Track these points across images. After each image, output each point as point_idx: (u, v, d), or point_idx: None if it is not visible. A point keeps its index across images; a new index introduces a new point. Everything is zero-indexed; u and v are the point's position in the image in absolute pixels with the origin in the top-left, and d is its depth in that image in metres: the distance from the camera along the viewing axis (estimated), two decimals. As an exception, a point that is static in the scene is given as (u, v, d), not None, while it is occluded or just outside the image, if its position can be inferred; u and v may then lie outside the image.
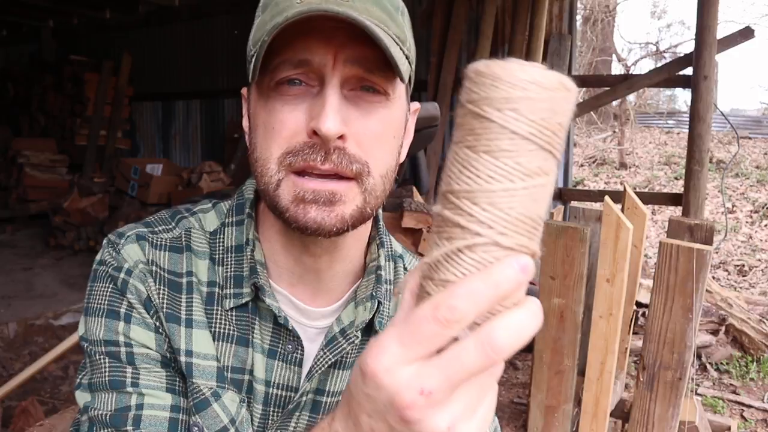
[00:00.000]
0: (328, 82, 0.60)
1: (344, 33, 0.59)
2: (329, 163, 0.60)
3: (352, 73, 0.61)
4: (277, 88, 0.62)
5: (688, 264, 1.78)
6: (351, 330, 0.71)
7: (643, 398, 1.92)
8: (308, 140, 0.61)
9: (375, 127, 0.63)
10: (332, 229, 0.62)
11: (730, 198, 8.49)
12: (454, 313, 0.34)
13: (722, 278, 5.97)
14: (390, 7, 0.64)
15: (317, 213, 0.62)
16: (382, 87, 0.63)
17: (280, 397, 0.72)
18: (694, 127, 4.25)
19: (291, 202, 0.62)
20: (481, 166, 0.35)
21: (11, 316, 4.14)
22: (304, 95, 0.62)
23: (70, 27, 7.96)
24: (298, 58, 0.60)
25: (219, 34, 7.01)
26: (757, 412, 3.34)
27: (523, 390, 3.39)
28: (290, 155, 0.61)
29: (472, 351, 0.34)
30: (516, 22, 4.90)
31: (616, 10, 13.48)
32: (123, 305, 0.68)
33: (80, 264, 5.58)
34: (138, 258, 0.69)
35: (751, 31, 4.29)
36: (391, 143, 0.66)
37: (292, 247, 0.71)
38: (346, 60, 0.60)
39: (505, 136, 0.35)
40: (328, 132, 0.58)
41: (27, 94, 7.96)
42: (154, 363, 0.67)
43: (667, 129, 13.67)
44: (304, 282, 0.73)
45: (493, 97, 0.34)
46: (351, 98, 0.62)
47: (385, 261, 0.76)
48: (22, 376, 2.67)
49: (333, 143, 0.60)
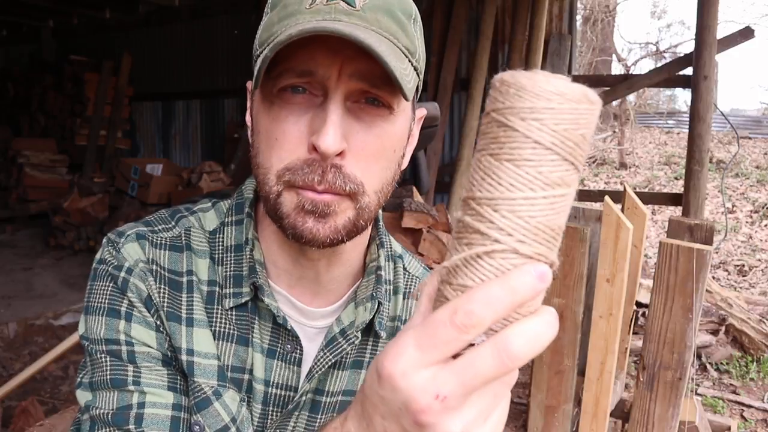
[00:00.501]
0: (331, 96, 0.60)
1: (351, 47, 0.58)
2: (324, 184, 0.61)
3: (357, 87, 0.61)
4: (281, 95, 0.62)
5: (688, 264, 1.78)
6: (351, 330, 0.71)
7: (643, 398, 1.92)
8: (308, 157, 0.61)
9: (375, 143, 0.63)
10: (325, 240, 0.63)
11: (730, 198, 8.49)
12: (472, 318, 0.34)
13: (722, 278, 5.97)
14: (402, 16, 0.63)
15: (313, 224, 0.62)
16: (386, 101, 0.62)
17: (279, 396, 0.72)
18: (694, 127, 4.25)
19: (293, 209, 0.63)
20: (503, 174, 0.36)
21: (11, 316, 4.14)
22: (308, 105, 0.62)
23: (70, 27, 7.97)
24: (302, 68, 0.60)
25: (219, 34, 7.01)
26: (757, 412, 3.34)
27: (523, 390, 3.39)
28: (289, 172, 0.62)
29: (488, 357, 0.34)
30: (516, 22, 4.90)
31: (616, 10, 13.48)
32: (124, 304, 0.68)
33: (80, 264, 5.58)
34: (138, 257, 0.69)
35: (751, 31, 4.29)
36: (390, 157, 0.66)
37: (290, 250, 0.71)
38: (352, 74, 0.60)
39: (528, 145, 0.35)
40: (327, 150, 0.58)
41: (27, 94, 7.96)
42: (156, 362, 0.67)
43: (667, 129, 13.67)
44: (302, 283, 0.73)
45: (517, 107, 0.35)
46: (354, 111, 0.62)
47: (384, 261, 0.76)
48: (22, 376, 2.67)
49: (331, 160, 0.60)
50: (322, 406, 0.73)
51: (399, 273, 0.79)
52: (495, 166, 0.36)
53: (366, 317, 0.71)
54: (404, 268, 0.81)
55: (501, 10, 5.06)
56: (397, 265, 0.80)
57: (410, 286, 0.80)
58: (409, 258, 0.83)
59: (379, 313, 0.73)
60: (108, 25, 7.72)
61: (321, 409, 0.73)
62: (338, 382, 0.74)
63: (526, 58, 4.85)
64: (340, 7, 0.60)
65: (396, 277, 0.79)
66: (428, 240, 3.16)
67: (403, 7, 0.64)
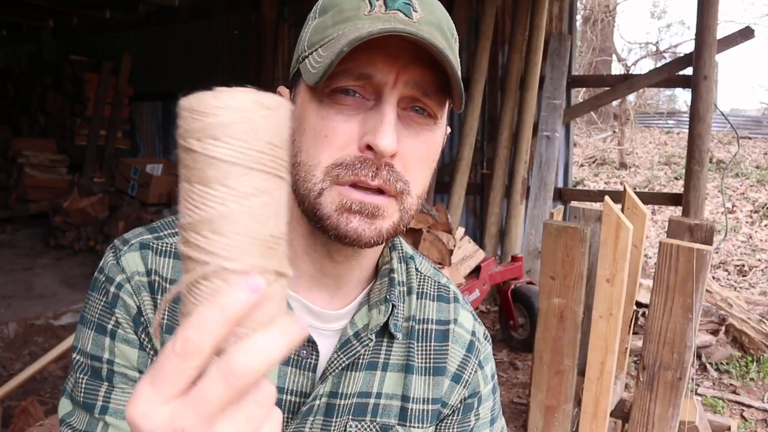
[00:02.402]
0: (386, 100, 0.61)
1: (409, 53, 0.59)
2: (379, 180, 0.61)
3: (410, 94, 0.62)
4: (332, 96, 0.62)
5: (688, 264, 1.78)
6: (365, 333, 0.71)
7: (643, 398, 1.92)
8: (360, 154, 0.61)
9: (421, 149, 0.64)
10: (369, 241, 0.63)
11: (730, 198, 8.49)
12: (189, 345, 0.34)
13: (722, 278, 5.97)
14: (449, 34, 0.65)
15: (359, 224, 0.62)
16: (433, 111, 0.64)
17: (293, 403, 0.71)
18: (694, 127, 4.25)
19: (335, 210, 0.62)
20: (196, 196, 0.36)
21: (11, 316, 4.14)
22: (359, 107, 0.62)
23: (70, 27, 7.97)
24: (360, 71, 0.61)
25: (219, 34, 7.01)
26: (757, 412, 3.34)
27: (523, 390, 3.39)
28: (339, 167, 0.61)
29: (216, 381, 0.33)
30: (516, 22, 4.90)
31: (616, 10, 13.48)
32: (111, 321, 0.67)
33: (80, 264, 5.59)
34: (136, 269, 0.68)
35: (751, 31, 4.29)
36: (430, 166, 0.67)
37: (314, 252, 0.70)
38: (407, 81, 0.61)
39: (211, 163, 0.35)
40: (386, 149, 0.59)
41: (27, 94, 7.96)
42: (132, 383, 0.67)
43: (667, 129, 13.68)
44: (321, 286, 0.72)
45: (192, 129, 0.36)
46: (403, 117, 0.63)
47: (397, 263, 0.77)
48: (22, 376, 2.67)
49: (384, 159, 0.61)
50: (337, 408, 0.72)
51: (411, 273, 0.80)
52: (189, 191, 0.36)
53: (380, 320, 0.71)
54: (416, 268, 0.81)
55: (501, 10, 5.06)
56: (409, 266, 0.80)
57: (422, 286, 0.81)
58: (420, 258, 0.84)
59: (394, 315, 0.73)
60: (108, 25, 7.72)
61: (336, 412, 0.72)
62: (352, 384, 0.73)
63: (526, 58, 4.85)
64: (399, 17, 0.62)
65: (409, 277, 0.79)
66: (428, 240, 3.16)
67: (449, 26, 0.66)
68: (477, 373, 0.81)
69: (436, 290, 0.81)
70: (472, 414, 0.81)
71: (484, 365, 0.82)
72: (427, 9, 0.63)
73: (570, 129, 5.15)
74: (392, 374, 0.75)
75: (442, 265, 3.17)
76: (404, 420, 0.75)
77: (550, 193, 4.71)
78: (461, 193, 5.00)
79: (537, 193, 4.71)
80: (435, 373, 0.77)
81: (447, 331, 0.79)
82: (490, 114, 5.16)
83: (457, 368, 0.79)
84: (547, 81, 4.82)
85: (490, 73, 5.08)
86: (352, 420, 0.73)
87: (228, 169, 0.35)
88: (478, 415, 0.82)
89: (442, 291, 0.81)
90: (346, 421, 0.73)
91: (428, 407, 0.77)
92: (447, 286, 0.82)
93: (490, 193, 4.98)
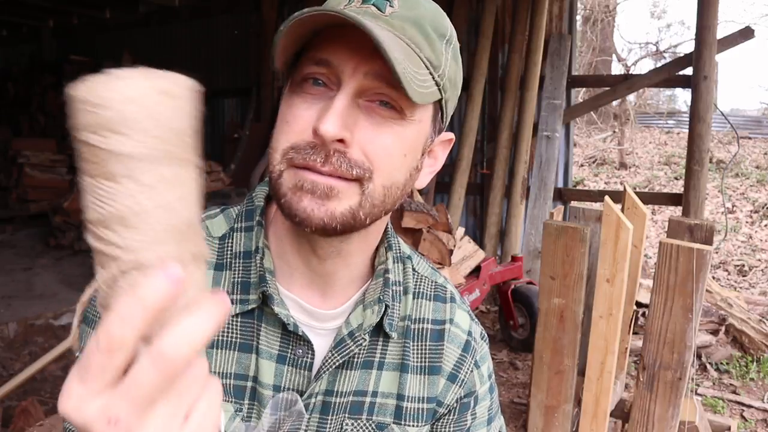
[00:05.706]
0: (342, 88, 0.62)
1: (369, 47, 0.60)
2: (329, 166, 0.61)
3: (370, 85, 0.62)
4: (302, 85, 0.65)
5: (688, 264, 1.78)
6: (359, 333, 0.71)
7: (643, 398, 1.92)
8: (311, 140, 0.62)
9: (384, 140, 0.64)
10: (319, 222, 0.62)
11: (730, 198, 8.49)
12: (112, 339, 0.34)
13: (722, 278, 5.97)
14: (432, 33, 0.65)
15: (309, 203, 0.62)
16: (398, 104, 0.63)
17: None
18: (694, 127, 4.25)
19: (289, 189, 0.63)
20: (102, 192, 0.35)
21: (11, 316, 4.14)
22: (322, 96, 0.63)
23: (70, 27, 7.97)
24: (320, 56, 0.63)
25: (219, 34, 7.01)
26: (757, 412, 3.34)
27: (523, 390, 3.39)
28: (293, 150, 0.63)
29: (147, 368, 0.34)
30: (516, 22, 4.90)
31: (616, 10, 13.48)
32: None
33: (80, 264, 5.58)
34: None
35: (751, 31, 4.29)
36: (402, 160, 0.66)
37: (301, 247, 0.71)
38: (367, 72, 0.62)
39: (112, 156, 0.34)
40: (326, 133, 0.60)
41: (27, 94, 7.96)
42: None
43: (667, 129, 13.68)
44: (313, 285, 0.73)
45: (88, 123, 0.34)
46: (366, 108, 0.63)
47: (393, 263, 0.77)
48: (22, 376, 2.67)
49: (333, 146, 0.61)
50: (333, 406, 0.73)
51: (408, 273, 0.80)
52: (94, 185, 0.35)
53: (373, 320, 0.72)
54: (413, 268, 0.81)
55: (501, 10, 5.06)
56: (405, 266, 0.80)
57: (419, 285, 0.81)
58: (418, 258, 0.84)
59: (388, 315, 0.73)
60: (108, 25, 7.72)
61: (332, 410, 0.73)
62: (348, 382, 0.74)
63: (526, 58, 4.85)
64: (370, 10, 0.63)
65: (405, 277, 0.79)
66: (428, 240, 3.16)
67: (436, 25, 0.66)
68: (473, 373, 0.81)
69: (433, 290, 0.81)
70: (468, 413, 0.81)
71: (480, 365, 0.82)
72: (407, 5, 0.64)
73: (570, 129, 5.15)
74: (388, 373, 0.76)
75: (442, 265, 3.17)
76: (399, 418, 0.76)
77: (550, 193, 4.71)
78: (461, 193, 5.00)
79: (537, 193, 4.71)
80: (430, 372, 0.78)
81: (443, 330, 0.79)
82: (490, 114, 5.16)
83: (453, 368, 0.79)
84: (547, 81, 4.82)
85: (490, 73, 5.08)
86: (348, 418, 0.74)
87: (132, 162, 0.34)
88: (474, 414, 0.82)
89: (439, 291, 0.81)
90: (342, 419, 0.73)
91: (423, 406, 0.77)
92: (444, 286, 0.82)
93: (490, 193, 4.98)
